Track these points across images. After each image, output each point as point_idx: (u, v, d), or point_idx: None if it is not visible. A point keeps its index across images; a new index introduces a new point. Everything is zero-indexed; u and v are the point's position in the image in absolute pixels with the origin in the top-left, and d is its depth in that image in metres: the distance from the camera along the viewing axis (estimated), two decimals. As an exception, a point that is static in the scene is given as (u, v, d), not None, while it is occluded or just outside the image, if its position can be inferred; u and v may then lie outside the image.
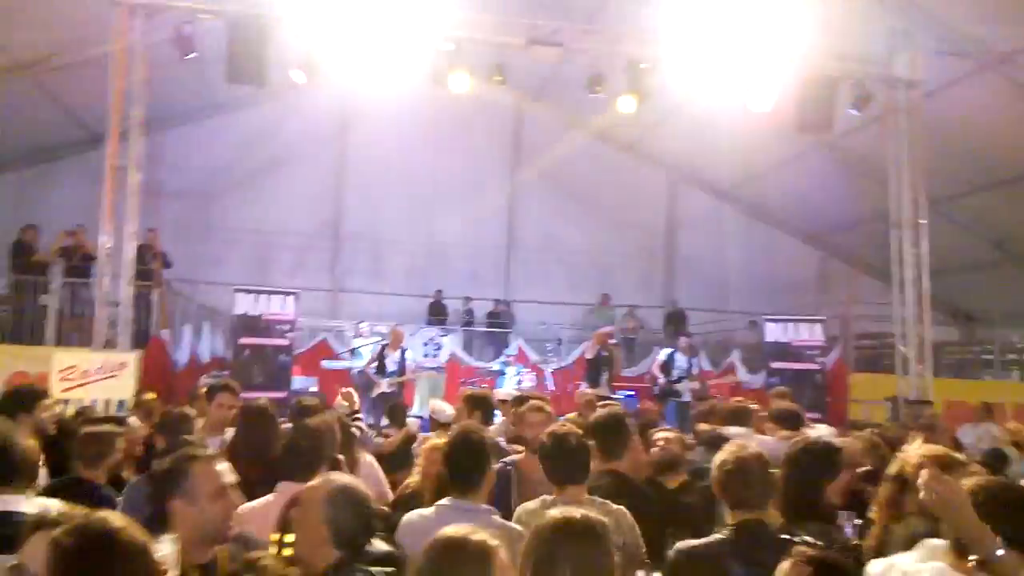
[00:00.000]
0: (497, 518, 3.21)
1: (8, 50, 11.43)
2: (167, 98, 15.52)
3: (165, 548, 2.12)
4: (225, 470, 2.58)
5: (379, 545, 2.66)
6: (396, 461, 5.44)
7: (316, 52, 9.44)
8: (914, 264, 10.57)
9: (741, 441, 3.45)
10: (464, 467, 3.26)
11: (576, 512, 2.22)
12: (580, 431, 3.68)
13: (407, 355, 10.58)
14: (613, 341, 10.58)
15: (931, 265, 10.64)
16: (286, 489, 3.24)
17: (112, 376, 8.08)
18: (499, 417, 5.94)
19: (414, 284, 18.16)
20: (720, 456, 2.99)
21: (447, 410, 6.39)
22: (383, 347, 10.28)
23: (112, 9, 9.07)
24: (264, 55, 9.01)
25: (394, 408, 6.54)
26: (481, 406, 5.27)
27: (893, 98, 10.57)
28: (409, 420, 7.04)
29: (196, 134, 17.27)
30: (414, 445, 5.80)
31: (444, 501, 3.21)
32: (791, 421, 5.31)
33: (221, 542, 2.51)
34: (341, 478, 2.68)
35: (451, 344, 15.00)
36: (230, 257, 17.41)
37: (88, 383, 7.81)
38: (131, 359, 8.48)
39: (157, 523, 2.45)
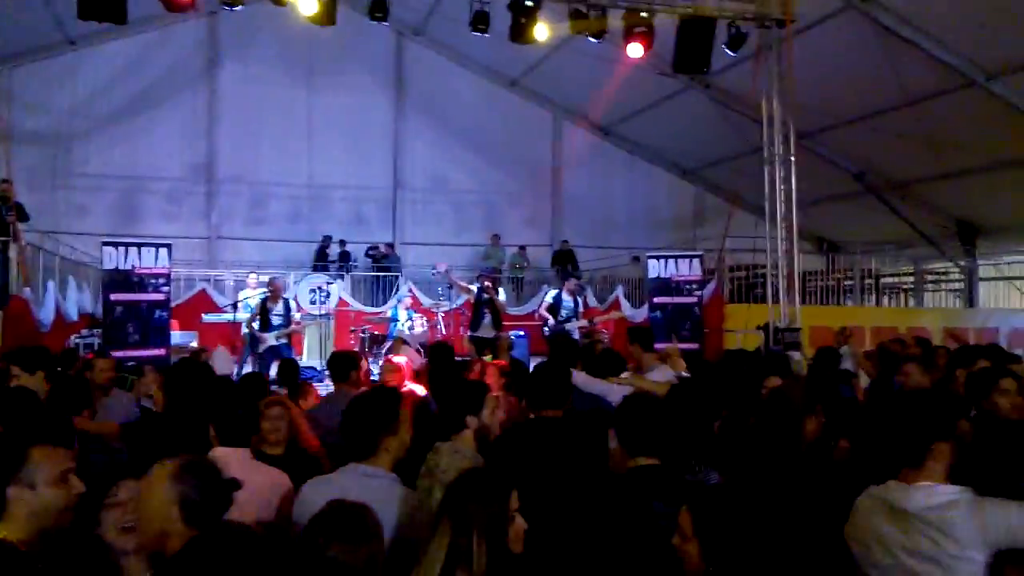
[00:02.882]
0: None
1: None
2: (16, 33, 14.26)
3: None
4: (66, 455, 2.40)
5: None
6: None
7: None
8: (784, 198, 11.08)
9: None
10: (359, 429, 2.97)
11: None
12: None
13: (291, 305, 10.24)
14: (488, 283, 10.63)
15: (798, 197, 11.19)
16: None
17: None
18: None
19: (298, 229, 17.66)
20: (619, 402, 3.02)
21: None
22: (264, 300, 9.87)
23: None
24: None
25: (284, 365, 6.28)
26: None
27: (766, 37, 10.89)
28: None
29: (51, 71, 15.94)
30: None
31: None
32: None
33: (61, 531, 2.35)
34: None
35: (339, 290, 14.73)
36: (96, 206, 16.34)
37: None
38: (-11, 321, 7.90)
39: None
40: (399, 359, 6.01)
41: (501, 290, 11.34)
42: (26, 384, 4.43)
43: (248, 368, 10.30)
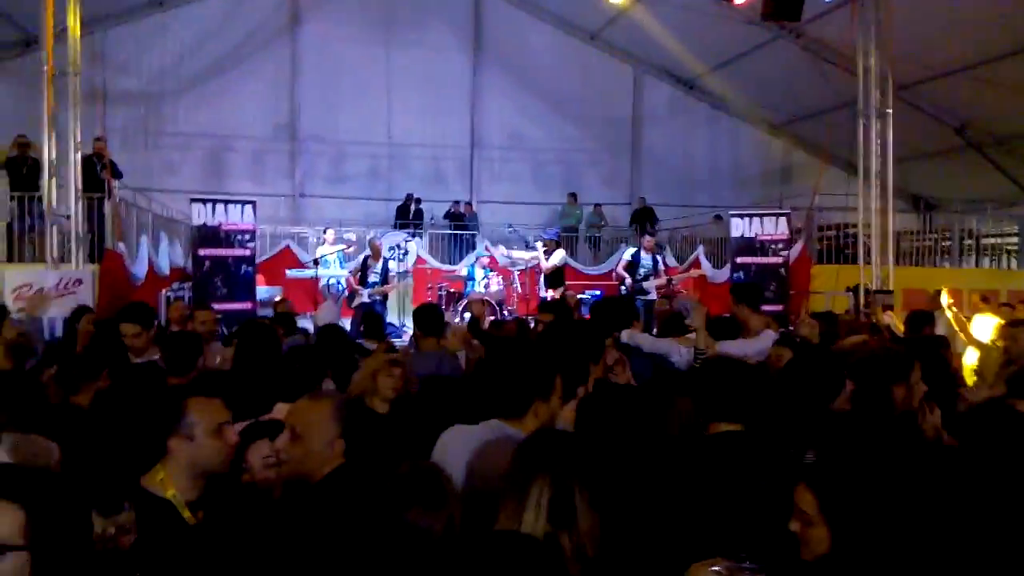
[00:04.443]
0: None
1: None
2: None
3: None
4: (221, 407, 2.56)
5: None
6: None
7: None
8: (879, 154, 10.53)
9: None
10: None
11: None
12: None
13: (390, 265, 10.63)
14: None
15: (894, 153, 10.62)
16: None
17: (70, 293, 7.88)
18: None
19: (377, 187, 17.83)
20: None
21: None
22: (366, 258, 10.36)
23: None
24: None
25: (369, 318, 6.41)
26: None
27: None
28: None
29: (139, 33, 16.39)
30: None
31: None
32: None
33: (218, 479, 2.53)
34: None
35: (417, 248, 14.85)
36: (183, 164, 16.85)
37: (45, 300, 7.59)
38: (88, 274, 8.26)
39: (150, 458, 2.47)
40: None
41: (558, 252, 11.45)
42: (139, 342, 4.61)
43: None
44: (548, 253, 11.56)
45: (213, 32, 16.61)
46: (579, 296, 12.86)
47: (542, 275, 12.03)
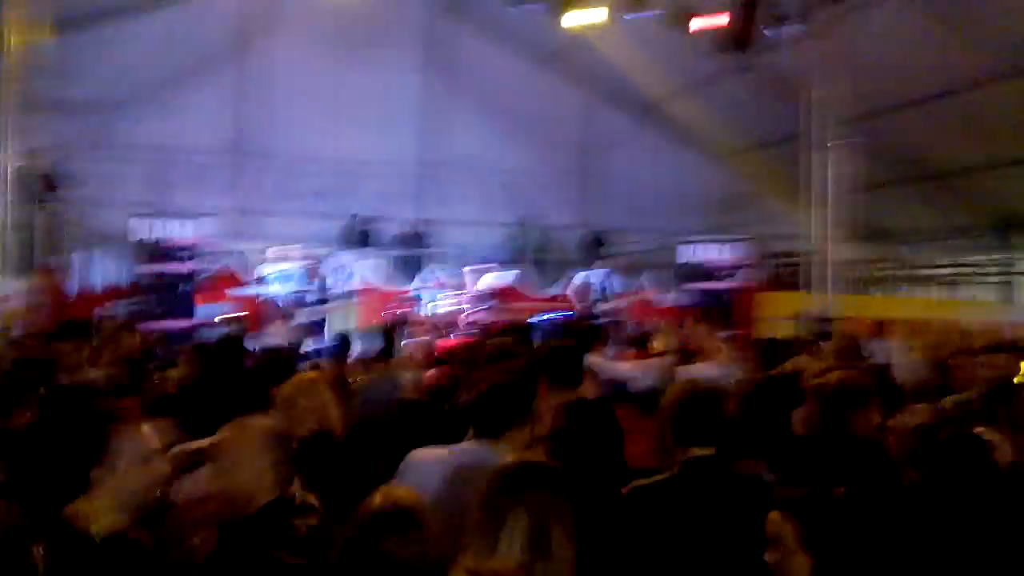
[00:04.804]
0: None
1: None
2: (52, 4, 14.21)
3: None
4: (150, 434, 2.40)
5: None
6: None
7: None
8: (825, 183, 10.76)
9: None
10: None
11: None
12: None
13: (327, 283, 10.32)
14: None
15: (842, 184, 10.87)
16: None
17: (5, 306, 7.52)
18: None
19: (324, 205, 17.56)
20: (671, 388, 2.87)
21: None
22: (303, 276, 10.03)
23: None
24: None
25: (341, 342, 6.30)
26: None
27: (813, 16, 10.53)
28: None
29: (86, 43, 15.82)
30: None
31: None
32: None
33: (146, 511, 2.37)
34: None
35: (365, 269, 14.63)
36: (126, 177, 16.28)
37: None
38: (18, 289, 7.89)
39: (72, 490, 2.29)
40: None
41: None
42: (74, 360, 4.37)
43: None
44: (477, 277, 11.13)
45: (162, 45, 16.20)
46: (530, 319, 12.86)
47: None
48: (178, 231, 10.05)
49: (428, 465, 2.67)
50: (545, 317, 11.58)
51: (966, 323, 10.56)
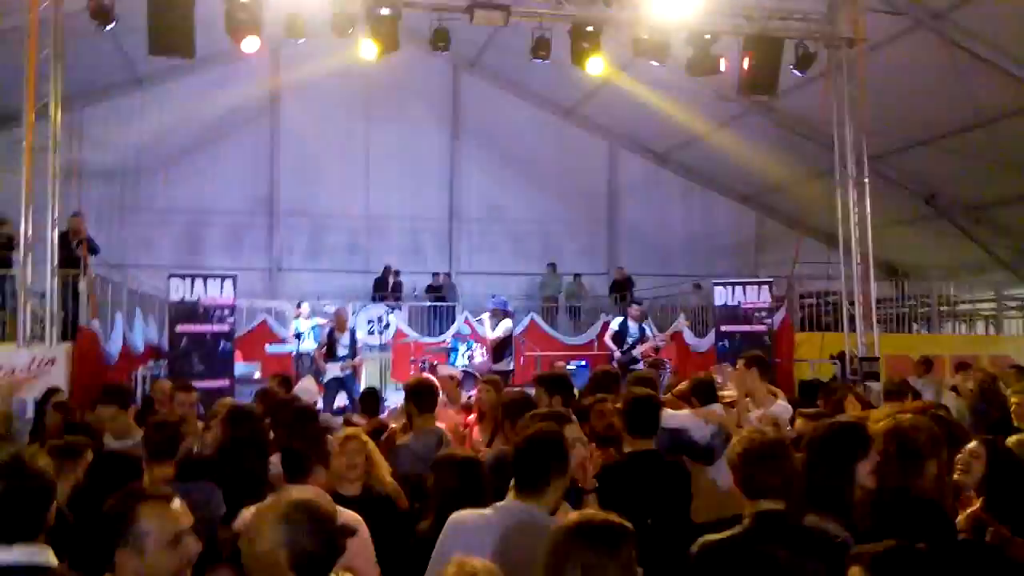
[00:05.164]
0: None
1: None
2: (87, 73, 14.67)
3: None
4: (181, 511, 2.22)
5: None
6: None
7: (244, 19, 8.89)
8: (856, 221, 10.70)
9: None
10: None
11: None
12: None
13: (357, 335, 10.28)
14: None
15: (874, 221, 10.79)
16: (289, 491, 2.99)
17: (43, 373, 7.61)
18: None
19: (356, 260, 17.75)
20: (738, 439, 2.78)
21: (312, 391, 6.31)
22: (331, 330, 9.97)
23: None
24: (189, 24, 8.47)
25: (367, 395, 6.26)
26: (561, 389, 4.70)
27: (835, 57, 10.59)
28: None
29: (119, 110, 16.39)
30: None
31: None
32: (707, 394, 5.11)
33: None
34: (301, 492, 2.30)
35: (398, 321, 14.69)
36: (161, 239, 16.69)
37: (17, 386, 7.32)
38: (60, 353, 8.00)
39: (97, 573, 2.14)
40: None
41: (504, 322, 11.19)
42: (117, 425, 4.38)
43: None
44: (495, 323, 10.98)
45: (192, 108, 16.64)
46: (564, 366, 12.79)
47: (487, 347, 11.58)
48: (214, 290, 10.14)
49: (473, 529, 2.58)
50: (582, 364, 11.51)
51: (1015, 358, 10.37)
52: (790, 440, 3.27)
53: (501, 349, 10.94)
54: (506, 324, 11.09)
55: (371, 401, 5.90)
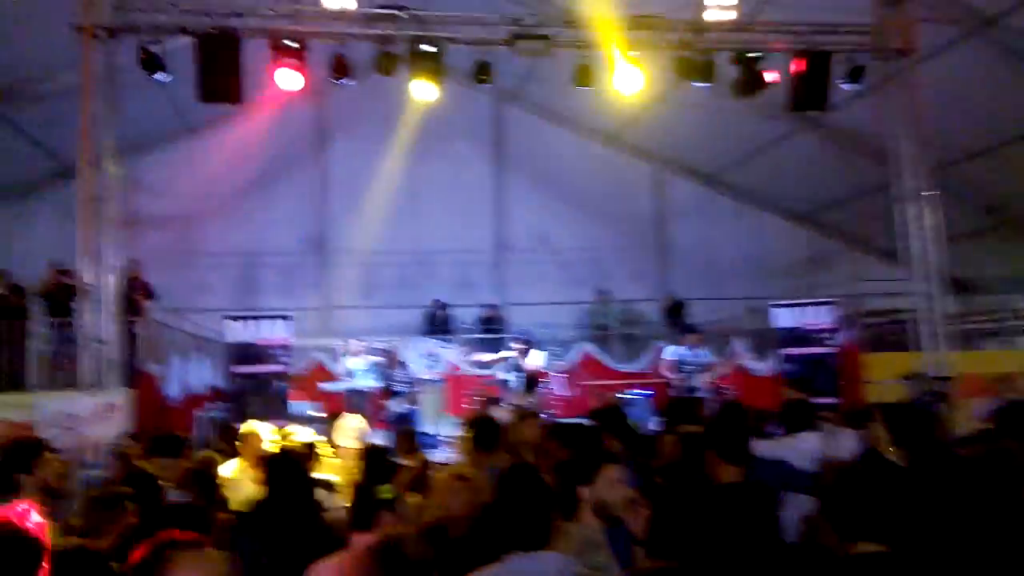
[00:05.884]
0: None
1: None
2: (140, 123, 15.12)
3: None
4: (217, 560, 2.13)
5: None
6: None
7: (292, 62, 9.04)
8: (918, 236, 10.32)
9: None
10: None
11: None
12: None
13: (411, 369, 10.27)
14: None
15: (935, 235, 10.42)
16: (359, 542, 2.89)
17: (104, 419, 7.69)
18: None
19: (406, 295, 17.80)
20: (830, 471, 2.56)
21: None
22: (384, 368, 10.02)
23: (75, 34, 8.64)
24: (236, 71, 8.63)
25: (403, 434, 6.11)
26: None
27: (887, 69, 10.31)
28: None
29: (173, 158, 16.82)
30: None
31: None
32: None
33: None
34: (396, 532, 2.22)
35: (451, 354, 14.62)
36: (215, 282, 16.97)
37: (79, 428, 7.40)
38: (122, 399, 8.09)
39: None
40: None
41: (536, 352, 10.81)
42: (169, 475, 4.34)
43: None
44: (524, 353, 10.70)
45: (243, 153, 16.98)
46: (619, 395, 12.54)
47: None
48: (269, 330, 10.23)
49: None
50: (640, 393, 11.25)
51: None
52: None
53: (532, 382, 10.74)
54: (536, 356, 10.90)
55: (408, 439, 5.74)
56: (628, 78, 9.78)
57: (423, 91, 9.69)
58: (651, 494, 3.36)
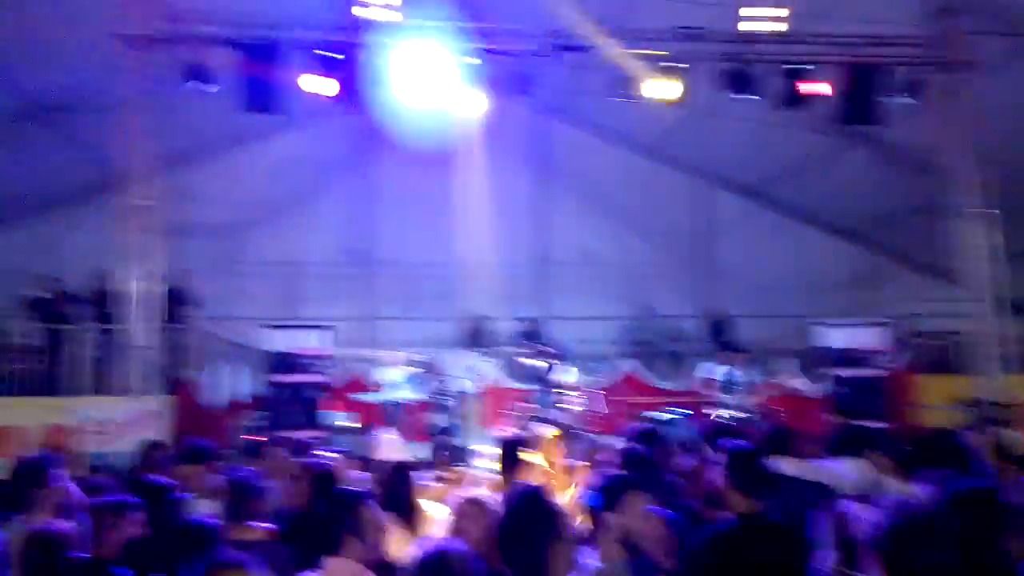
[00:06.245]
0: None
1: (21, 93, 11.23)
2: (189, 133, 15.40)
3: None
4: None
5: None
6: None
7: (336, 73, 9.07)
8: (976, 255, 9.92)
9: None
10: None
11: None
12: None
13: (452, 384, 10.16)
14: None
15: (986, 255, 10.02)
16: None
17: (142, 425, 7.74)
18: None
19: (447, 307, 17.75)
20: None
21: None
22: (428, 382, 9.95)
23: (124, 45, 8.78)
24: (281, 82, 8.68)
25: (443, 447, 6.03)
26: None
27: (942, 82, 9.96)
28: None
29: (221, 168, 17.02)
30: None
31: None
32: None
33: None
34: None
35: (491, 368, 14.50)
36: (258, 291, 17.09)
37: (119, 435, 7.45)
38: (162, 406, 8.13)
39: None
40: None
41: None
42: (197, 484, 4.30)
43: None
44: (551, 367, 10.16)
45: (290, 164, 17.20)
46: (659, 414, 12.28)
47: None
48: (309, 341, 10.23)
49: None
50: (687, 412, 10.97)
51: None
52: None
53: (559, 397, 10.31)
54: (567, 371, 10.54)
55: (447, 454, 5.64)
56: (671, 90, 9.58)
57: (467, 102, 9.63)
58: (683, 525, 3.20)
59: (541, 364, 9.94)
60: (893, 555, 2.16)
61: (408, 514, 3.83)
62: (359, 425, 11.10)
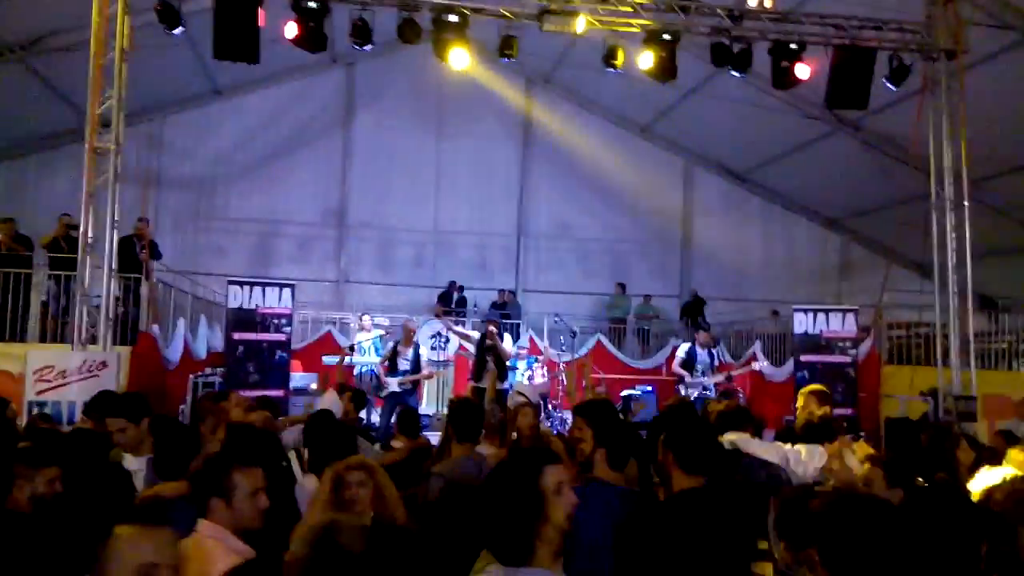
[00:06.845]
0: None
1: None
2: (168, 84, 15.01)
3: None
4: (165, 542, 2.03)
5: None
6: (403, 476, 4.51)
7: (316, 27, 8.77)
8: (953, 248, 9.85)
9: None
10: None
11: None
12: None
13: (421, 351, 9.96)
14: (492, 328, 9.63)
15: (970, 249, 9.93)
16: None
17: (93, 376, 7.53)
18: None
19: (422, 274, 17.59)
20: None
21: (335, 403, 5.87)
22: (395, 344, 9.76)
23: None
24: (253, 29, 8.38)
25: (405, 415, 5.87)
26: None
27: (932, 70, 9.80)
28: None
29: (197, 121, 16.70)
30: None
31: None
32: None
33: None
34: None
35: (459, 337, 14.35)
36: (233, 248, 16.86)
37: (66, 384, 7.25)
38: (114, 357, 7.92)
39: None
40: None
41: (507, 336, 10.37)
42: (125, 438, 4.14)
43: (375, 415, 10.14)
44: (497, 336, 9.94)
45: (268, 120, 16.88)
46: (629, 391, 12.24)
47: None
48: (273, 298, 10.02)
49: None
50: (648, 389, 10.94)
51: None
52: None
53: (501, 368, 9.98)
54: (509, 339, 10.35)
55: (409, 422, 5.51)
56: (660, 63, 9.35)
57: (449, 63, 9.37)
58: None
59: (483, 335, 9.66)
60: (829, 544, 2.06)
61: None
62: (317, 387, 10.96)
